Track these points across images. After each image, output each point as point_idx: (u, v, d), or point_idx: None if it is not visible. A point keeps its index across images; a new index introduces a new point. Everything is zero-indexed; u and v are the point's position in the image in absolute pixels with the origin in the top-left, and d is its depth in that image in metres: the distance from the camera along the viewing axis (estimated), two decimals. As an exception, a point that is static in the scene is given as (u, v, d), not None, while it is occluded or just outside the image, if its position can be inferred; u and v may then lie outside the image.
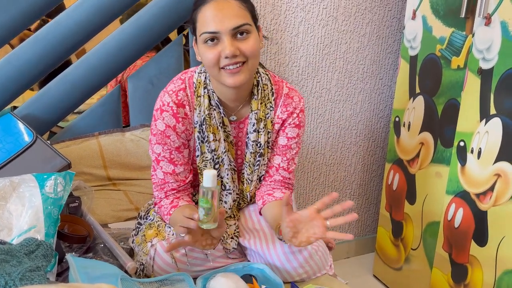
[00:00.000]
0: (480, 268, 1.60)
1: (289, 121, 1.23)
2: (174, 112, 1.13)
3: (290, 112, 1.22)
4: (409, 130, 1.90)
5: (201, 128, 1.16)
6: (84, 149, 1.54)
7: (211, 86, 1.16)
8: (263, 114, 1.20)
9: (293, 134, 1.24)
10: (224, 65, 1.05)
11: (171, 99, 1.14)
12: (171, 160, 1.17)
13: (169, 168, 1.17)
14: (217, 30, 1.03)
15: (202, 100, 1.15)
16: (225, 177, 1.21)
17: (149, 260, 1.14)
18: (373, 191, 2.35)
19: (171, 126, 1.14)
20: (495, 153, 1.50)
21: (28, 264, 0.84)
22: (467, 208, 1.62)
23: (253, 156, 1.22)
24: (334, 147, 2.16)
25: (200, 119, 1.16)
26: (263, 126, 1.20)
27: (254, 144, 1.21)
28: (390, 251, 2.08)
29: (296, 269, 1.15)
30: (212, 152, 1.18)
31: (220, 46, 1.04)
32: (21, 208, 1.05)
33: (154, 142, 1.16)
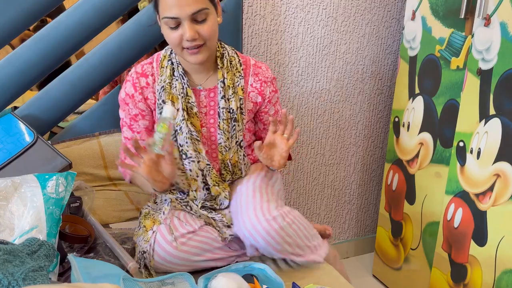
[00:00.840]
0: (479, 267, 1.60)
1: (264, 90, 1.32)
2: (133, 82, 1.26)
3: (263, 81, 1.32)
4: (408, 130, 1.91)
5: (160, 94, 1.25)
6: (84, 149, 1.54)
7: (176, 59, 1.27)
8: (231, 82, 1.28)
9: (269, 98, 1.35)
10: (186, 47, 1.16)
11: (135, 70, 1.27)
12: (130, 126, 1.30)
13: (129, 133, 1.32)
14: (177, 16, 1.12)
15: (164, 71, 1.26)
16: (184, 145, 1.26)
17: (149, 248, 1.15)
18: (373, 191, 2.36)
19: (129, 95, 1.27)
20: (495, 153, 1.51)
21: (30, 264, 0.85)
22: (466, 208, 1.63)
23: (226, 123, 1.27)
24: (333, 147, 2.16)
25: (159, 87, 1.25)
26: (232, 93, 1.28)
27: (225, 110, 1.27)
28: (389, 251, 2.08)
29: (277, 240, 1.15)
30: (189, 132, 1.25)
31: (181, 30, 1.14)
32: (22, 208, 1.05)
33: (119, 108, 1.31)
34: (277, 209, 1.18)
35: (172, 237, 1.16)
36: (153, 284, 1.05)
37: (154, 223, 1.21)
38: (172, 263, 1.15)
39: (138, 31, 1.56)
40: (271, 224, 1.15)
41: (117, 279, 0.95)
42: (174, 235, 1.16)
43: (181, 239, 1.16)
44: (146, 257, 1.16)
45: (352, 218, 2.36)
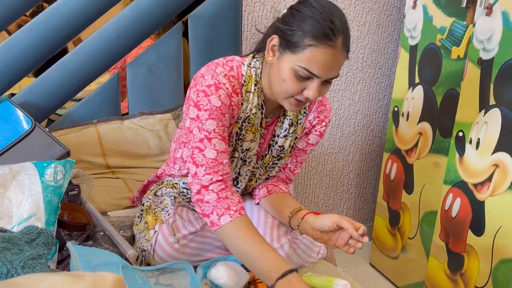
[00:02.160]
0: (476, 257, 1.61)
1: (316, 128, 1.22)
2: (229, 94, 1.04)
3: (321, 119, 1.21)
4: (407, 120, 1.90)
5: (242, 125, 1.10)
6: (82, 137, 1.53)
7: (261, 84, 1.10)
8: (296, 120, 1.18)
9: (313, 141, 1.24)
10: (299, 99, 1.03)
11: (227, 81, 1.04)
12: (224, 138, 1.04)
13: (222, 146, 1.03)
14: (319, 75, 0.98)
15: (251, 97, 1.08)
16: (243, 176, 1.19)
17: (150, 248, 1.14)
18: (371, 181, 2.36)
19: (226, 105, 1.03)
20: (494, 143, 1.51)
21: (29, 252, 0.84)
22: (464, 198, 1.63)
23: (272, 159, 1.20)
24: (332, 136, 2.16)
25: (244, 116, 1.09)
26: (292, 131, 1.18)
27: (279, 148, 1.19)
28: (386, 240, 2.09)
29: None
30: (244, 152, 1.14)
31: (308, 86, 1.00)
32: (21, 196, 1.04)
33: (205, 117, 1.01)
34: (286, 234, 1.17)
35: (174, 239, 1.13)
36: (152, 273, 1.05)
37: (156, 221, 1.18)
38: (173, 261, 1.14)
39: (136, 17, 1.54)
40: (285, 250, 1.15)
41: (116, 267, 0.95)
42: (176, 236, 1.14)
43: (183, 241, 1.14)
44: (146, 255, 1.16)
45: (350, 207, 2.36)
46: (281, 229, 1.18)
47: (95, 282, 0.64)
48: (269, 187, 1.24)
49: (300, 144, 1.23)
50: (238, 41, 1.72)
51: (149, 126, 1.62)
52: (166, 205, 1.21)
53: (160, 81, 1.65)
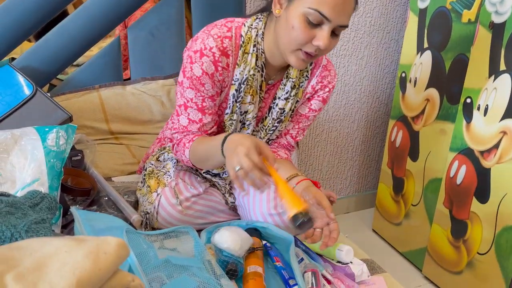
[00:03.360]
0: (480, 224, 1.61)
1: (319, 93, 1.19)
2: (215, 59, 1.03)
3: (324, 85, 1.18)
4: (415, 86, 1.87)
5: (239, 87, 1.09)
6: (84, 102, 1.52)
7: (262, 45, 1.08)
8: (298, 82, 1.15)
9: (316, 107, 1.21)
10: (307, 51, 0.99)
11: (216, 44, 1.03)
12: (202, 108, 1.08)
13: (197, 116, 1.08)
14: (330, 18, 0.94)
15: (250, 59, 1.07)
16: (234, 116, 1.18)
17: (153, 210, 1.15)
18: (376, 148, 2.35)
19: (208, 74, 1.04)
20: (502, 110, 1.48)
21: (33, 216, 0.84)
22: (470, 165, 1.62)
23: (272, 122, 1.18)
24: (337, 103, 2.13)
25: (241, 78, 1.08)
26: (294, 94, 1.16)
27: (280, 111, 1.17)
28: (390, 207, 2.10)
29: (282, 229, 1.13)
30: (243, 115, 1.13)
31: (318, 34, 0.96)
32: (23, 161, 1.04)
33: (186, 85, 1.06)
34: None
35: (177, 201, 1.14)
36: (156, 237, 1.05)
37: (159, 185, 1.18)
38: (175, 225, 1.14)
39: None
40: (282, 218, 1.13)
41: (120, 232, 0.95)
42: (179, 198, 1.14)
43: (186, 203, 1.14)
44: (149, 218, 1.16)
45: (354, 174, 2.36)
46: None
47: (98, 246, 0.64)
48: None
49: (302, 109, 1.21)
50: (242, 4, 1.67)
51: (152, 92, 1.59)
52: (169, 169, 1.21)
53: (162, 45, 1.62)
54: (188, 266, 0.92)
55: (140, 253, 0.91)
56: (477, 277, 1.66)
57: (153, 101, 1.60)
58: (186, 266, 0.92)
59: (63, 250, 0.63)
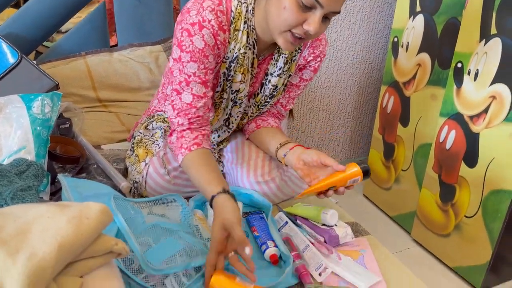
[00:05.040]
0: (468, 188, 1.64)
1: (311, 64, 1.17)
2: (214, 32, 0.99)
3: (316, 55, 1.15)
4: (407, 51, 1.85)
5: (230, 65, 1.06)
6: (71, 69, 1.50)
7: (253, 22, 1.04)
8: (291, 57, 1.12)
9: (307, 76, 1.19)
10: (296, 34, 0.95)
11: (213, 18, 0.98)
12: (205, 81, 1.02)
13: (201, 90, 1.02)
14: (324, 5, 0.91)
15: (240, 36, 1.03)
16: (234, 117, 1.17)
17: (141, 179, 1.15)
18: (367, 114, 2.35)
19: (210, 46, 0.99)
20: (492, 74, 1.47)
21: (19, 183, 0.85)
22: (459, 130, 1.63)
23: (265, 98, 1.17)
24: (329, 69, 2.11)
25: (232, 56, 1.04)
26: (287, 69, 1.13)
27: (273, 88, 1.14)
28: (380, 172, 2.12)
29: (268, 195, 1.16)
30: (234, 93, 1.10)
31: (309, 18, 0.92)
32: (9, 129, 1.03)
33: (187, 60, 0.99)
34: (277, 168, 1.16)
35: (165, 171, 1.14)
36: (145, 204, 1.06)
37: (147, 154, 1.18)
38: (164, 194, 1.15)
39: None
40: (270, 186, 1.14)
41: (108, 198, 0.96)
42: (167, 168, 1.14)
43: (174, 173, 1.14)
44: (138, 186, 1.17)
45: (346, 140, 2.37)
46: (272, 163, 1.18)
47: (81, 212, 0.65)
48: (258, 122, 1.22)
49: (293, 79, 1.20)
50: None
51: (139, 58, 1.57)
52: (157, 139, 1.20)
53: (148, 10, 1.58)
54: (175, 230, 0.94)
55: (128, 219, 0.92)
56: (464, 239, 1.69)
57: (141, 68, 1.58)
58: (173, 230, 0.94)
59: (45, 216, 0.64)
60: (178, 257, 0.85)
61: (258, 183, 1.14)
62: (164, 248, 0.87)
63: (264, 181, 1.14)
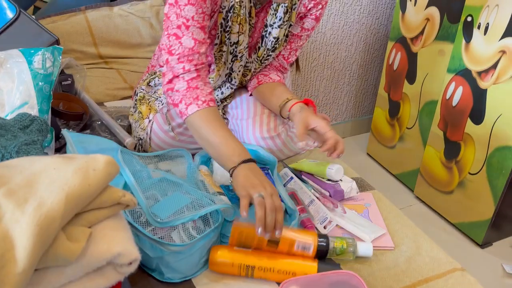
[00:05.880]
0: (473, 145, 1.63)
1: (312, 12, 1.13)
2: None
3: (317, 2, 1.11)
4: (415, 4, 1.80)
5: (226, 15, 1.02)
6: (71, 25, 1.46)
7: None
8: (290, 5, 1.08)
9: (309, 26, 1.15)
10: None
11: None
12: (203, 27, 0.97)
13: (200, 35, 0.96)
14: None
15: None
16: (236, 72, 1.14)
17: (146, 136, 1.15)
18: (373, 72, 2.31)
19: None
20: (503, 28, 1.43)
21: (23, 138, 0.85)
22: (467, 87, 1.60)
23: (267, 52, 1.13)
24: (335, 25, 2.06)
25: (228, 5, 1.01)
26: (287, 19, 1.09)
27: (274, 40, 1.11)
28: (385, 130, 2.11)
29: (274, 151, 1.16)
30: (234, 45, 1.07)
31: None
32: (11, 84, 1.02)
33: (184, 2, 0.93)
34: (283, 124, 1.15)
35: (169, 127, 1.13)
36: (150, 159, 1.06)
37: (150, 111, 1.16)
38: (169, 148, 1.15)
39: None
40: (275, 142, 1.13)
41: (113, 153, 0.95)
42: (171, 125, 1.13)
43: (178, 129, 1.14)
44: (143, 143, 1.16)
45: (351, 99, 2.34)
46: (278, 119, 1.17)
47: (87, 163, 0.64)
48: (259, 77, 1.20)
49: (294, 29, 1.16)
50: None
51: (140, 13, 1.53)
52: (160, 95, 1.19)
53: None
54: (182, 185, 0.94)
55: (135, 172, 0.92)
56: (467, 196, 1.70)
57: (142, 23, 1.54)
58: (180, 184, 0.94)
59: (52, 167, 0.63)
60: (186, 211, 0.86)
61: (263, 139, 1.13)
62: (171, 202, 0.87)
63: (270, 137, 1.13)
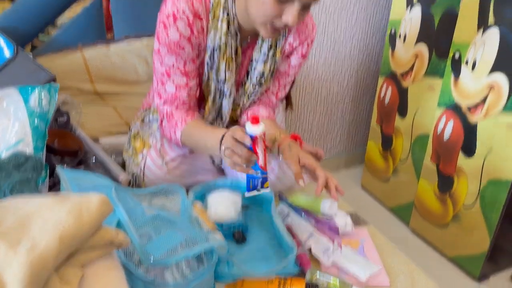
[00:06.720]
0: (465, 178, 1.64)
1: (298, 50, 1.16)
2: (189, 22, 1.00)
3: (302, 40, 1.14)
4: (404, 41, 1.85)
5: (213, 54, 1.06)
6: (68, 63, 1.49)
7: (234, 11, 1.03)
8: (274, 42, 1.11)
9: (295, 63, 1.18)
10: (276, 26, 0.96)
11: (187, 6, 0.99)
12: (185, 72, 1.06)
13: (182, 81, 1.06)
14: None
15: (220, 25, 1.03)
16: (225, 108, 1.16)
17: (139, 171, 1.15)
18: (365, 106, 2.35)
19: (186, 37, 1.01)
20: (490, 64, 1.47)
21: (17, 177, 0.85)
22: (457, 121, 1.63)
23: (253, 86, 1.16)
24: (327, 61, 2.11)
25: (213, 45, 1.05)
26: (272, 55, 1.12)
27: (259, 75, 1.13)
28: (378, 163, 2.12)
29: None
30: (221, 83, 1.11)
31: (287, 9, 0.93)
32: (6, 122, 1.03)
33: (164, 52, 1.02)
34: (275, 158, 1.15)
35: (162, 162, 1.14)
36: (144, 195, 1.06)
37: (144, 146, 1.18)
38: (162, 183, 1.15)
39: None
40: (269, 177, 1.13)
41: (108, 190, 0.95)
42: (164, 160, 1.14)
43: (172, 164, 1.14)
44: (137, 179, 1.17)
45: (344, 132, 2.37)
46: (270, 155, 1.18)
47: (81, 203, 0.64)
48: (248, 114, 1.22)
49: (282, 67, 1.19)
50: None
51: (136, 51, 1.56)
52: (154, 131, 1.20)
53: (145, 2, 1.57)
54: (175, 222, 0.94)
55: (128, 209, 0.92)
56: (462, 229, 1.70)
57: (138, 61, 1.57)
58: (173, 222, 0.94)
59: (45, 207, 0.63)
60: (179, 249, 0.85)
61: None
62: (165, 240, 0.87)
63: None
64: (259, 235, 1.04)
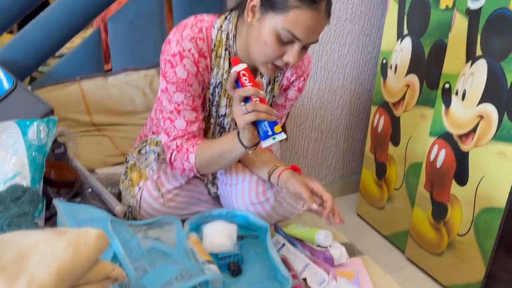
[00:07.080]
0: (459, 206, 1.66)
1: (295, 84, 1.20)
2: (195, 60, 1.04)
3: (299, 75, 1.18)
4: (395, 72, 1.89)
5: (214, 91, 1.10)
6: (66, 94, 1.51)
7: (235, 48, 1.08)
8: (273, 77, 1.15)
9: (292, 96, 1.22)
10: (278, 65, 1.00)
11: (193, 46, 1.03)
12: (195, 107, 1.08)
13: (192, 116, 1.09)
14: (301, 39, 0.95)
15: (222, 63, 1.08)
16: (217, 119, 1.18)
17: (135, 203, 1.16)
18: (359, 134, 2.38)
19: (193, 74, 1.05)
20: (479, 94, 1.51)
21: (15, 210, 0.85)
22: (449, 149, 1.66)
23: None
24: (321, 90, 2.15)
25: (215, 82, 1.09)
26: (270, 90, 1.16)
27: None
28: (373, 191, 2.14)
29: (263, 217, 1.17)
30: (221, 117, 1.14)
31: (288, 50, 0.97)
32: (4, 155, 1.04)
33: (173, 90, 1.05)
34: (271, 188, 1.17)
35: (158, 194, 1.15)
36: (140, 227, 1.07)
37: (141, 178, 1.19)
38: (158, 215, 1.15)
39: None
40: (264, 207, 1.15)
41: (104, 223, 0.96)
42: (161, 191, 1.15)
43: (168, 195, 1.15)
44: (133, 211, 1.17)
45: (338, 160, 2.39)
46: (266, 184, 1.19)
47: (78, 237, 0.65)
48: None
49: (278, 100, 1.22)
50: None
51: (134, 82, 1.60)
52: (150, 162, 1.21)
53: (143, 36, 1.61)
54: (170, 254, 0.94)
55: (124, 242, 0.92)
56: (457, 258, 1.71)
57: (136, 92, 1.60)
58: (169, 254, 0.94)
59: (43, 242, 0.64)
60: (175, 282, 0.85)
61: (252, 204, 1.15)
62: (160, 273, 0.87)
63: (259, 202, 1.15)
64: (254, 267, 1.04)
